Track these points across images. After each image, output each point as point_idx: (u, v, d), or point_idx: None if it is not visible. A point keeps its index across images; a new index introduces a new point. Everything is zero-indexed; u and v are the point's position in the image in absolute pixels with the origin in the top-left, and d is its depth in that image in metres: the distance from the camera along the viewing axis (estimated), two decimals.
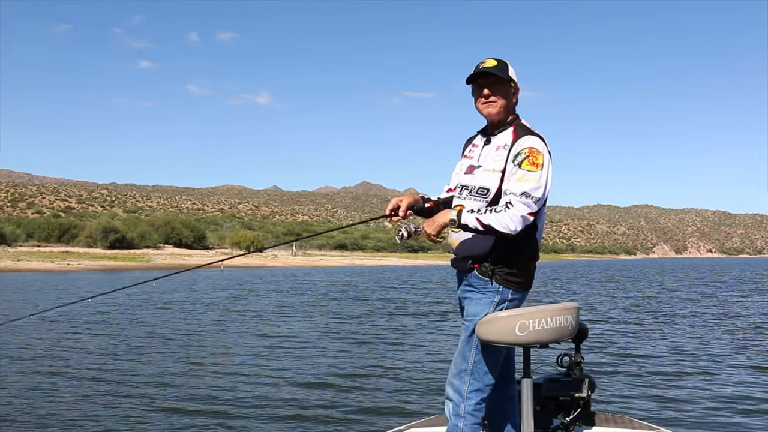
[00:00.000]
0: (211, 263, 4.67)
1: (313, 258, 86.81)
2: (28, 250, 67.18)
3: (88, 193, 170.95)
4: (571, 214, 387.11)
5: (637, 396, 8.70)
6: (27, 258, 56.14)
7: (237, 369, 10.31)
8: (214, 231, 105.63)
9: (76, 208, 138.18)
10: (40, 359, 11.01)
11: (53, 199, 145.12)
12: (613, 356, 11.84)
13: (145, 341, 13.17)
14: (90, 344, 12.79)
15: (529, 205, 3.22)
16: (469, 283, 3.45)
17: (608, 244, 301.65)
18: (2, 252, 61.75)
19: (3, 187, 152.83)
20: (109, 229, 79.33)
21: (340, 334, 14.56)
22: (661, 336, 14.75)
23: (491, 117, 3.47)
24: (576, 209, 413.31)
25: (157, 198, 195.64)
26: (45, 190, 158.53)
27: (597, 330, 15.35)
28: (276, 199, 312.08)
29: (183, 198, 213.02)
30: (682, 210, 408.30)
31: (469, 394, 3.40)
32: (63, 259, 57.51)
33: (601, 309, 21.98)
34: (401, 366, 10.73)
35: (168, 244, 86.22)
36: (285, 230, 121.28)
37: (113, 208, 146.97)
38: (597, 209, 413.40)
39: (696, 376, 10.02)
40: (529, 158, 3.27)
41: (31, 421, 7.19)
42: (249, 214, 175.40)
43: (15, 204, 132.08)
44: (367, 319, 17.85)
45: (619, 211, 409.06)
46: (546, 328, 3.32)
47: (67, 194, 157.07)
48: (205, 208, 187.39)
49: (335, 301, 23.68)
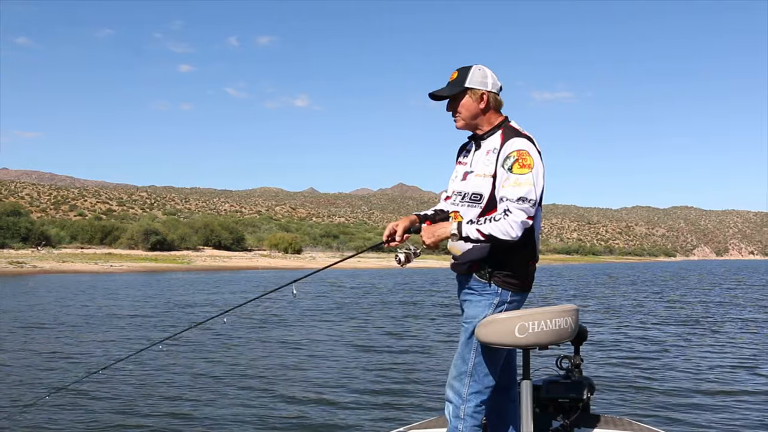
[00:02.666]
0: (320, 269, 4.42)
1: (350, 260, 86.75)
2: (72, 251, 68.37)
3: (128, 196, 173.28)
4: (609, 216, 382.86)
5: (637, 398, 8.73)
6: (71, 259, 57.11)
7: (239, 369, 10.45)
8: (252, 233, 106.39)
9: (116, 210, 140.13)
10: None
11: (94, 201, 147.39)
12: (613, 358, 11.88)
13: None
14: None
15: (526, 210, 3.25)
16: (469, 286, 3.48)
17: (647, 246, 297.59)
18: (47, 254, 62.97)
19: (46, 190, 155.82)
20: (150, 232, 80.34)
21: (344, 337, 14.62)
22: (661, 337, 14.73)
23: (459, 129, 3.56)
24: (614, 211, 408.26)
25: (196, 200, 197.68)
26: (86, 192, 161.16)
27: (597, 330, 15.38)
28: (312, 201, 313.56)
29: (221, 200, 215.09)
30: (723, 211, 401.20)
31: (469, 396, 3.42)
32: (106, 261, 58.39)
33: (600, 309, 21.92)
34: (403, 366, 10.85)
35: (207, 246, 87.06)
36: (322, 232, 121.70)
37: (152, 210, 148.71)
38: (635, 211, 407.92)
39: (696, 378, 10.03)
40: (518, 161, 3.28)
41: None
42: (286, 216, 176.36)
43: (58, 206, 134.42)
44: (377, 321, 17.91)
45: (658, 212, 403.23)
46: (545, 330, 3.33)
47: (107, 197, 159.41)
48: (243, 210, 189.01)
49: (349, 304, 23.68)
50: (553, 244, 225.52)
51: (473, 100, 3.46)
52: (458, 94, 3.48)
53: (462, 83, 3.46)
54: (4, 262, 49.71)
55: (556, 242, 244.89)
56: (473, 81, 3.46)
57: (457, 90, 3.47)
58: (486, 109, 3.47)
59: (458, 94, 3.48)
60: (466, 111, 3.47)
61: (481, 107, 3.46)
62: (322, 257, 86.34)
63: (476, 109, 3.47)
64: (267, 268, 62.01)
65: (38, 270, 47.23)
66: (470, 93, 3.46)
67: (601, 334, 15.02)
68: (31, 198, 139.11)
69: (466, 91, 3.46)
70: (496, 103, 3.50)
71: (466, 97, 3.46)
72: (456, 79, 3.48)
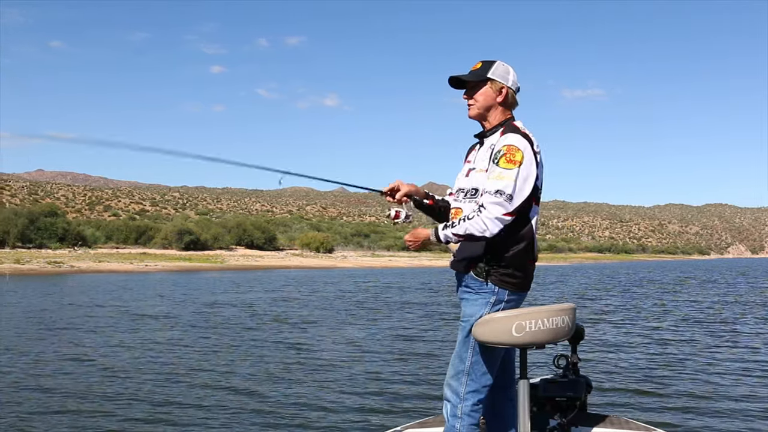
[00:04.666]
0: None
1: (381, 259, 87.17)
2: (107, 251, 69.35)
3: (161, 196, 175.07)
4: (641, 214, 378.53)
5: (635, 397, 8.72)
6: (107, 259, 57.92)
7: (244, 368, 10.59)
8: (283, 232, 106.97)
9: (149, 210, 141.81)
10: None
11: (128, 202, 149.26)
12: (611, 357, 11.84)
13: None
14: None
15: (502, 205, 3.24)
16: (466, 284, 3.48)
17: (680, 244, 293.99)
18: (84, 253, 63.99)
19: (81, 191, 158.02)
20: (184, 231, 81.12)
21: (354, 335, 14.69)
22: (661, 338, 14.61)
23: (472, 118, 3.59)
24: (647, 208, 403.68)
25: (227, 200, 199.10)
26: (120, 193, 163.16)
27: (597, 331, 15.34)
28: (343, 200, 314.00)
29: (252, 200, 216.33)
30: (758, 209, 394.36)
31: (466, 395, 3.42)
32: (141, 261, 59.13)
33: (599, 309, 21.77)
34: (403, 367, 10.87)
35: (240, 246, 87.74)
36: (353, 231, 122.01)
37: (185, 210, 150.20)
38: (669, 208, 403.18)
39: (696, 378, 9.99)
40: (506, 155, 3.29)
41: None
42: (317, 216, 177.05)
43: (92, 207, 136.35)
44: (392, 321, 17.90)
45: (691, 210, 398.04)
46: (542, 329, 3.33)
47: (140, 197, 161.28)
48: (274, 209, 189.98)
49: (361, 304, 23.70)
50: (585, 242, 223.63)
51: (492, 91, 3.50)
52: (479, 82, 3.52)
53: (485, 73, 3.51)
54: (43, 262, 50.61)
55: (587, 240, 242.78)
56: (496, 73, 3.51)
57: (479, 78, 3.52)
58: (502, 103, 3.51)
59: (479, 83, 3.52)
60: (484, 100, 3.51)
61: (498, 100, 3.50)
62: (353, 256, 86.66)
63: (493, 101, 3.51)
64: (299, 268, 62.38)
65: (75, 270, 47.99)
66: (491, 83, 3.50)
67: (601, 334, 15.00)
68: (66, 199, 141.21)
69: (487, 81, 3.51)
70: (512, 101, 3.55)
71: (486, 86, 3.51)
72: (479, 69, 3.53)
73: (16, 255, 56.82)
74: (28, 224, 69.26)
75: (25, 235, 68.56)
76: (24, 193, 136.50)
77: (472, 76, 3.52)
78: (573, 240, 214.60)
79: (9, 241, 67.22)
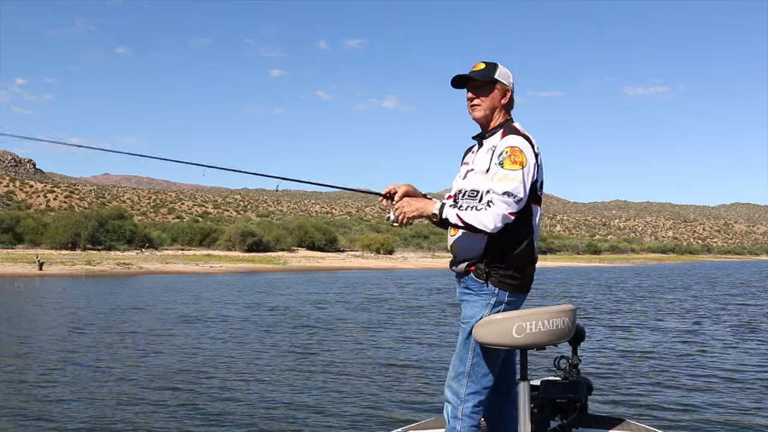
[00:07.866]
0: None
1: (441, 260, 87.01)
2: (173, 253, 70.97)
3: (223, 199, 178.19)
4: (706, 213, 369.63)
5: (635, 399, 8.68)
6: (173, 261, 59.19)
7: (245, 368, 10.68)
8: (343, 234, 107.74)
9: (212, 213, 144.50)
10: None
11: (191, 204, 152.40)
12: (611, 358, 11.78)
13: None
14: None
15: (510, 204, 3.25)
16: (466, 286, 3.46)
17: (747, 245, 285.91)
18: (150, 255, 65.58)
19: (146, 194, 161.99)
20: (247, 233, 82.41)
21: (358, 338, 14.64)
22: (661, 338, 14.45)
23: (477, 120, 3.55)
24: (712, 208, 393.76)
25: (287, 202, 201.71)
26: (183, 196, 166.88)
27: (596, 331, 15.29)
28: None
29: (311, 202, 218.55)
30: None
31: (467, 396, 3.41)
32: (206, 262, 60.23)
33: (599, 309, 21.61)
34: (405, 367, 10.95)
35: (301, 247, 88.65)
36: (412, 233, 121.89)
37: (246, 212, 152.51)
38: (735, 208, 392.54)
39: (696, 380, 9.92)
40: (510, 157, 3.29)
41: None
42: (376, 217, 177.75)
43: (157, 210, 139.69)
44: (400, 324, 17.71)
45: (759, 209, 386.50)
46: (543, 331, 3.31)
47: (203, 200, 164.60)
48: (333, 211, 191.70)
49: (371, 306, 23.60)
50: (648, 243, 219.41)
51: (499, 93, 3.49)
52: (486, 83, 3.49)
53: (491, 75, 3.48)
54: (113, 264, 52.02)
55: (650, 241, 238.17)
56: (501, 75, 3.49)
57: (487, 78, 3.49)
58: (506, 105, 3.52)
59: (486, 83, 3.49)
60: (491, 102, 3.49)
61: (503, 102, 3.50)
62: (413, 257, 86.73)
63: (498, 103, 3.50)
64: (360, 269, 62.63)
65: (144, 271, 49.16)
66: (499, 86, 3.50)
67: (601, 333, 14.98)
68: (132, 202, 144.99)
69: (495, 82, 3.49)
70: (512, 103, 3.55)
71: (493, 88, 3.49)
72: (485, 70, 3.49)
73: (87, 257, 58.60)
74: (97, 227, 71.46)
75: (95, 237, 70.77)
76: (92, 196, 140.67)
77: (480, 76, 3.49)
78: (635, 240, 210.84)
79: (80, 243, 69.46)
